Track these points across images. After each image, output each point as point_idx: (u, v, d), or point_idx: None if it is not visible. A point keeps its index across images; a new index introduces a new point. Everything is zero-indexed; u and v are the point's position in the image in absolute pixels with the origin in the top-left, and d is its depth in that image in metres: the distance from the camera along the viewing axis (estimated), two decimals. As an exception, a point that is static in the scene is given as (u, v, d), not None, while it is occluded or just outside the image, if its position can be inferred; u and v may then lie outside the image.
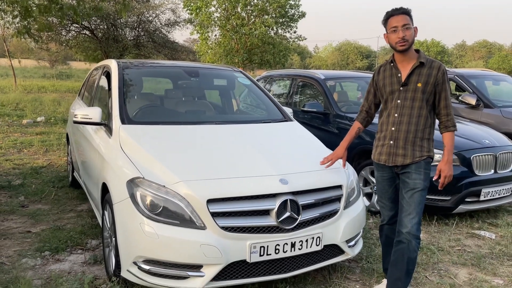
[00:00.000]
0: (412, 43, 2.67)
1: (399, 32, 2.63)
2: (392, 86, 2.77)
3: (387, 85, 2.79)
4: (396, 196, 2.88)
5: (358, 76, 6.53)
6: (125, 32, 24.65)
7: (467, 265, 3.55)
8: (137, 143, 3.10)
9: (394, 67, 2.78)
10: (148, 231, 2.58)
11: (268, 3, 32.18)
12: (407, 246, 2.71)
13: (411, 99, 2.71)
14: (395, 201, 2.89)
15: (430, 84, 2.69)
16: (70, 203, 4.88)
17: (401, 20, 2.64)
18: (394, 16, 2.67)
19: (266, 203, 2.69)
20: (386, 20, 2.71)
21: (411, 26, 2.66)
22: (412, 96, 2.71)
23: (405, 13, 2.67)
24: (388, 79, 2.79)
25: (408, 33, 2.63)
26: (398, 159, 2.75)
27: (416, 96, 2.70)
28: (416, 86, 2.69)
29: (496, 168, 4.61)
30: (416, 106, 2.71)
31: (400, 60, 2.76)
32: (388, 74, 2.80)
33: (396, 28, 2.65)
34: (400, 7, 2.71)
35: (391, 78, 2.78)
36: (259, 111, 4.23)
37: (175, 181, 2.67)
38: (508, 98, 7.08)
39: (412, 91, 2.71)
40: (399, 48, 2.66)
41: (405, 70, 2.74)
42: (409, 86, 2.71)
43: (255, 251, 2.64)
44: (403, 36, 2.62)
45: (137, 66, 4.23)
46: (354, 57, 78.76)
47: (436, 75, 2.69)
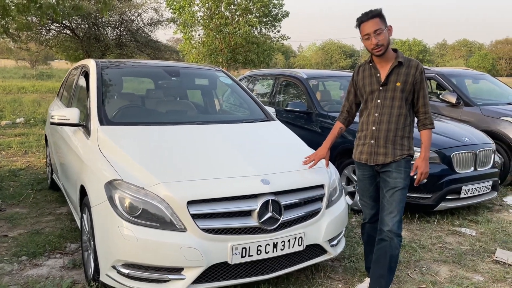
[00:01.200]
0: (387, 46, 2.67)
1: (372, 39, 2.63)
2: (371, 86, 2.78)
3: (366, 85, 2.80)
4: (377, 194, 2.89)
5: (340, 75, 6.55)
6: (107, 31, 24.33)
7: (448, 262, 3.58)
8: (116, 144, 3.04)
9: (373, 67, 2.79)
10: (127, 234, 2.52)
11: (251, 2, 32.17)
12: (389, 244, 2.73)
13: (391, 98, 2.72)
14: (377, 200, 2.91)
15: (408, 83, 2.70)
16: (49, 206, 4.77)
17: (371, 26, 2.62)
18: (364, 23, 2.65)
19: (247, 204, 2.66)
20: (358, 26, 2.70)
21: (383, 29, 2.63)
22: (391, 96, 2.72)
23: (374, 16, 2.64)
24: (367, 79, 2.80)
25: (381, 37, 2.63)
26: (379, 158, 2.77)
27: (395, 96, 2.71)
28: (395, 86, 2.71)
29: (476, 165, 4.66)
30: (396, 105, 2.72)
31: (378, 61, 2.77)
32: (367, 74, 2.81)
33: (368, 36, 2.64)
34: (369, 10, 2.68)
35: (370, 78, 2.79)
36: (241, 110, 4.20)
37: (154, 182, 2.62)
38: (488, 97, 7.19)
39: (391, 90, 2.72)
40: (375, 53, 2.68)
41: (384, 70, 2.75)
42: (389, 86, 2.72)
43: (237, 253, 2.61)
44: (376, 43, 2.62)
45: (116, 66, 4.15)
46: (338, 57, 79.37)
47: (414, 74, 2.70)
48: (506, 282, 3.26)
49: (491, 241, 4.01)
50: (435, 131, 4.55)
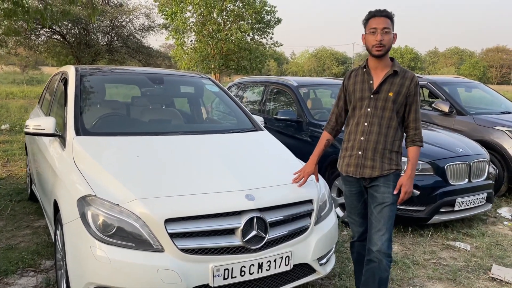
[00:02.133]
0: (388, 49, 2.54)
1: (377, 35, 2.49)
2: (362, 93, 2.61)
3: (357, 91, 2.63)
4: (366, 211, 2.73)
5: (331, 83, 6.41)
6: (98, 37, 24.10)
7: (442, 279, 3.42)
8: (91, 156, 2.85)
9: (367, 73, 2.63)
10: (100, 255, 2.33)
11: (244, 9, 32.18)
12: (377, 266, 2.56)
13: (382, 108, 2.56)
14: (365, 217, 2.74)
15: (401, 95, 2.55)
16: (27, 218, 4.56)
17: (381, 23, 2.49)
18: (376, 18, 2.52)
19: (230, 222, 2.48)
20: (367, 20, 2.55)
21: (391, 31, 2.52)
22: (382, 106, 2.56)
23: (387, 16, 2.52)
24: (359, 84, 2.64)
25: (387, 37, 2.49)
26: (366, 171, 2.60)
27: (386, 106, 2.55)
28: (387, 95, 2.55)
29: (470, 177, 4.53)
30: (386, 116, 2.56)
31: (373, 66, 2.61)
32: (359, 80, 2.65)
33: (375, 30, 2.50)
34: (383, 9, 2.55)
35: (362, 84, 2.63)
36: (228, 120, 4.02)
37: (130, 199, 2.44)
38: (481, 105, 7.10)
39: (382, 100, 2.56)
40: (374, 52, 2.52)
41: (377, 77, 2.59)
42: (380, 95, 2.56)
43: (219, 274, 2.42)
44: (380, 40, 2.48)
45: (97, 73, 3.96)
46: (330, 63, 79.67)
47: (409, 86, 2.56)
48: (503, 301, 3.11)
49: (486, 257, 3.86)
50: (428, 141, 4.43)
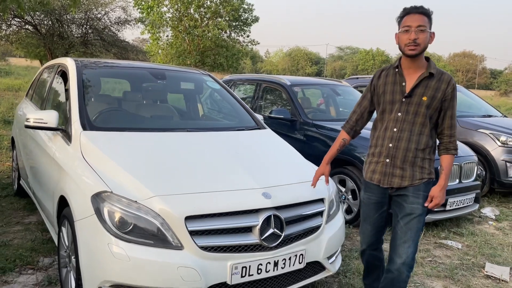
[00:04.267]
0: (424, 49, 2.35)
1: (411, 33, 2.30)
2: (393, 95, 2.45)
3: (387, 93, 2.47)
4: (381, 223, 2.60)
5: (323, 83, 6.48)
6: (72, 28, 23.48)
7: (441, 277, 3.52)
8: (102, 151, 2.78)
9: (399, 74, 2.45)
10: (117, 252, 2.29)
11: (221, 6, 32.00)
12: (398, 277, 2.47)
13: (414, 113, 2.40)
14: (378, 228, 2.62)
15: (437, 99, 2.38)
16: (16, 214, 4.40)
17: (416, 20, 2.30)
18: (411, 15, 2.33)
19: (248, 220, 2.48)
20: (401, 17, 2.38)
21: (427, 29, 2.33)
22: (415, 110, 2.40)
23: (424, 13, 2.33)
24: (389, 86, 2.47)
25: (422, 36, 2.31)
26: (395, 180, 2.45)
27: (419, 111, 2.39)
28: (420, 100, 2.38)
29: (460, 178, 4.68)
30: (418, 122, 2.40)
31: (406, 67, 2.43)
32: (390, 80, 2.47)
33: (409, 28, 2.31)
34: (420, 5, 2.35)
35: (393, 85, 2.46)
36: (231, 117, 4.01)
37: (148, 196, 2.40)
38: (463, 109, 7.32)
39: (415, 104, 2.39)
40: (407, 51, 2.34)
41: (411, 79, 2.41)
42: (413, 99, 2.40)
43: (237, 272, 2.42)
44: (414, 39, 2.30)
45: (97, 66, 3.86)
46: (304, 63, 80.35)
47: (445, 90, 2.38)
48: (500, 298, 3.24)
49: (478, 255, 4.00)
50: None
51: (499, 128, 6.15)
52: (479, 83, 75.60)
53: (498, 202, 5.94)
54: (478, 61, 78.37)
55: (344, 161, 4.61)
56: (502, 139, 5.95)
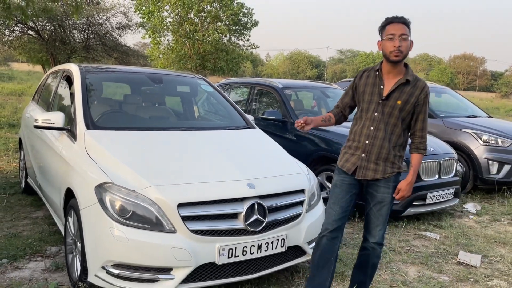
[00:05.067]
0: (405, 56, 2.56)
1: (395, 41, 2.51)
2: (371, 96, 2.67)
3: (366, 93, 2.69)
4: (348, 206, 2.77)
5: (314, 85, 6.81)
6: (74, 34, 23.87)
7: (416, 263, 3.83)
8: (104, 148, 3.11)
9: (379, 77, 2.66)
10: (118, 235, 2.60)
11: (221, 10, 32.37)
12: (372, 252, 2.81)
13: (388, 114, 2.62)
14: (345, 212, 2.76)
15: (410, 104, 2.60)
16: (24, 210, 4.72)
17: (399, 29, 2.53)
18: (393, 24, 2.55)
19: (234, 207, 2.80)
20: (383, 26, 2.59)
21: (408, 37, 2.55)
22: (389, 112, 2.62)
23: (405, 23, 2.56)
24: (369, 87, 2.69)
25: (405, 44, 2.52)
26: (369, 173, 2.69)
27: (393, 113, 2.62)
28: (395, 103, 2.60)
29: (440, 174, 4.99)
30: (391, 122, 2.63)
31: (386, 71, 2.64)
32: (370, 82, 2.69)
33: (393, 36, 2.52)
34: (401, 16, 2.59)
35: (372, 87, 2.67)
36: (222, 118, 4.33)
37: (145, 186, 2.72)
38: (449, 109, 7.63)
39: (390, 106, 2.61)
40: (392, 58, 2.54)
41: (389, 83, 2.63)
42: (389, 101, 2.62)
43: (224, 253, 2.73)
44: (398, 46, 2.51)
45: (99, 71, 4.20)
46: (305, 67, 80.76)
47: (418, 96, 2.60)
48: (469, 281, 3.53)
49: (454, 244, 4.30)
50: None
51: (481, 127, 6.46)
52: (480, 85, 75.75)
53: (481, 199, 6.23)
54: (479, 63, 78.53)
55: (330, 158, 4.92)
56: (484, 138, 6.26)
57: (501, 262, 3.94)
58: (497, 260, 3.98)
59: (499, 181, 6.11)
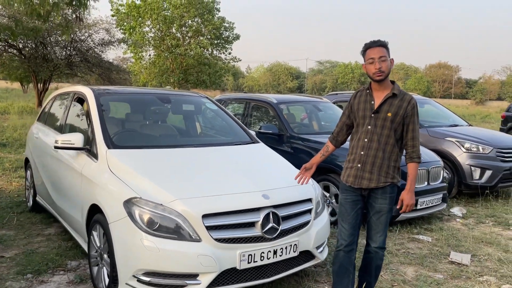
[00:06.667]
0: (388, 74, 2.86)
1: (375, 64, 2.81)
2: (364, 112, 2.95)
3: (360, 110, 2.97)
4: (356, 221, 3.01)
5: (306, 100, 7.16)
6: (56, 51, 23.81)
7: (412, 264, 4.15)
8: (127, 166, 3.35)
9: (369, 94, 2.96)
10: (149, 245, 2.84)
11: (203, 24, 32.74)
12: (375, 255, 3.08)
13: (381, 126, 2.89)
14: (354, 227, 3.01)
15: (399, 115, 2.87)
16: (35, 227, 4.88)
17: (377, 52, 2.82)
18: (371, 48, 2.85)
19: (252, 216, 3.07)
20: (364, 51, 2.89)
21: (387, 58, 2.84)
22: (381, 124, 2.89)
23: (382, 45, 2.85)
24: (362, 104, 2.97)
25: (384, 64, 2.82)
26: (364, 182, 2.93)
27: (385, 125, 2.88)
28: (386, 115, 2.88)
29: (428, 180, 5.36)
30: (385, 134, 2.89)
31: (375, 89, 2.94)
32: (363, 100, 2.98)
33: (373, 60, 2.82)
34: (377, 39, 2.89)
35: (365, 104, 2.96)
36: (229, 134, 4.61)
37: (171, 199, 2.97)
38: (433, 119, 8.08)
39: (382, 119, 2.89)
40: (376, 78, 2.85)
41: (378, 98, 2.92)
42: (380, 114, 2.89)
43: (244, 259, 2.99)
44: (379, 68, 2.81)
45: (111, 93, 4.44)
46: (285, 78, 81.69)
47: (406, 108, 2.87)
48: (461, 278, 3.87)
49: (445, 246, 4.65)
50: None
51: (463, 136, 6.90)
52: (455, 92, 77.75)
53: (466, 203, 6.64)
54: (454, 72, 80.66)
55: (327, 169, 5.23)
56: (466, 146, 6.69)
57: (489, 260, 4.30)
58: (485, 258, 4.34)
59: (482, 186, 6.53)
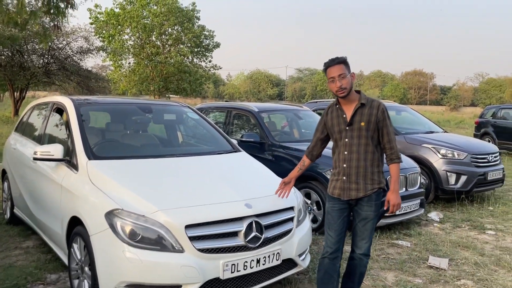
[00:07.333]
0: (350, 89, 2.97)
1: (336, 82, 2.92)
2: (339, 126, 3.04)
3: (335, 125, 3.07)
4: (342, 229, 3.09)
5: (287, 108, 7.24)
6: (33, 59, 23.40)
7: (392, 269, 4.22)
8: (108, 177, 3.33)
9: (340, 109, 3.06)
10: (131, 257, 2.83)
11: (183, 33, 32.71)
12: (359, 263, 3.16)
13: (357, 137, 2.98)
14: (340, 235, 3.08)
15: (372, 123, 2.96)
16: (12, 240, 4.78)
17: (336, 71, 2.93)
18: (331, 67, 2.95)
19: (235, 226, 3.09)
20: (325, 70, 3.00)
21: (347, 74, 2.94)
22: (357, 135, 2.98)
23: (340, 62, 2.94)
24: (335, 119, 3.07)
25: (344, 81, 2.92)
26: (352, 193, 3.01)
27: (361, 134, 2.97)
28: (360, 125, 2.97)
29: (406, 186, 5.47)
30: (363, 143, 2.98)
31: (343, 103, 3.05)
32: (335, 115, 3.08)
33: (333, 79, 2.93)
34: (335, 57, 2.98)
35: (337, 118, 3.05)
36: (211, 143, 4.62)
37: (153, 210, 2.97)
38: (409, 126, 8.26)
39: (357, 130, 2.98)
40: (340, 95, 2.96)
41: (349, 111, 3.01)
42: (354, 126, 2.98)
43: (227, 269, 3.01)
44: (340, 86, 2.92)
45: (91, 103, 4.41)
46: (265, 85, 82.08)
47: (377, 114, 2.97)
48: (440, 283, 3.96)
49: (423, 250, 4.75)
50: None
51: (439, 142, 7.07)
52: (430, 99, 79.36)
53: (443, 207, 6.79)
54: (429, 79, 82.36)
55: (309, 176, 5.29)
56: (442, 152, 6.86)
57: (466, 264, 4.41)
58: (462, 262, 4.45)
59: (457, 190, 6.70)
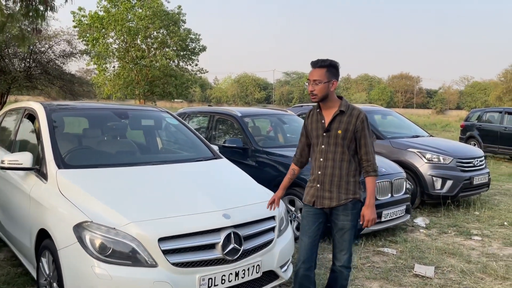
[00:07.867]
0: (323, 97, 2.86)
1: (309, 86, 2.86)
2: (317, 131, 2.96)
3: (313, 130, 2.99)
4: (317, 235, 3.01)
5: (270, 113, 7.11)
6: (14, 62, 22.91)
7: (377, 278, 4.11)
8: (78, 187, 3.15)
9: (319, 114, 2.97)
10: (100, 273, 2.65)
11: (168, 36, 32.49)
12: (340, 275, 3.07)
13: (334, 144, 2.89)
14: (314, 241, 3.00)
15: (349, 131, 2.87)
16: (-18, 253, 4.55)
17: (313, 75, 2.84)
18: (312, 70, 2.87)
19: (212, 238, 2.93)
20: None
21: (323, 81, 2.82)
22: (334, 142, 2.89)
23: (322, 67, 2.83)
24: (314, 124, 2.99)
25: (317, 88, 2.82)
26: (325, 201, 2.94)
27: (337, 142, 2.88)
28: (336, 133, 2.88)
29: (392, 192, 5.37)
30: (339, 151, 2.89)
31: (323, 108, 2.96)
32: (314, 119, 3.00)
33: (309, 81, 2.87)
34: (320, 60, 2.86)
35: (317, 123, 2.97)
36: (190, 150, 4.46)
37: (125, 222, 2.80)
38: (395, 130, 8.19)
39: (333, 137, 2.88)
40: (311, 99, 2.89)
41: (328, 117, 2.93)
42: (331, 132, 2.89)
43: (204, 284, 2.85)
44: (311, 91, 2.85)
45: (63, 109, 4.22)
46: (253, 89, 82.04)
47: (355, 123, 2.87)
48: (425, 291, 3.85)
49: (409, 258, 4.64)
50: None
51: (425, 147, 7.01)
52: (417, 102, 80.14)
53: (429, 212, 6.72)
54: (415, 82, 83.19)
55: (293, 183, 5.12)
56: (428, 157, 6.80)
57: (452, 271, 4.31)
58: (448, 270, 4.35)
59: (443, 195, 6.63)
